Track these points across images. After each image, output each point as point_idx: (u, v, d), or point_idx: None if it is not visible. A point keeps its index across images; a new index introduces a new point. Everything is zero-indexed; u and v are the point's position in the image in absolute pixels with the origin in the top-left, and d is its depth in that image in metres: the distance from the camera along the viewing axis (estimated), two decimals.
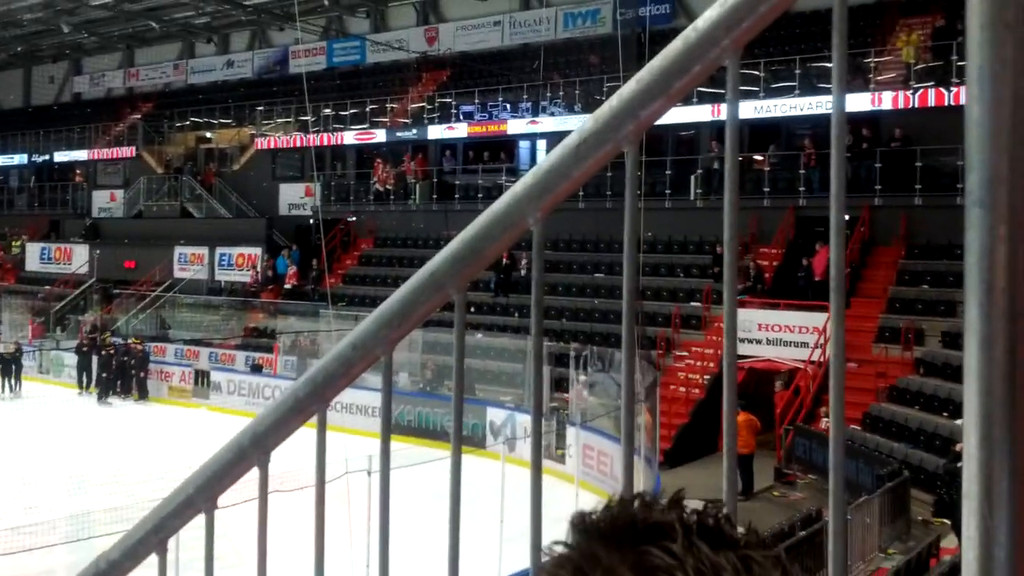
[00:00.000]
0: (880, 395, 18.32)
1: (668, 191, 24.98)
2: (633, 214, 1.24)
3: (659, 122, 1.26)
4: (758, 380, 20.36)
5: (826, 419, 17.32)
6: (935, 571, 10.32)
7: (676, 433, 19.30)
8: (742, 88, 1.19)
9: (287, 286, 30.25)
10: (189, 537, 2.07)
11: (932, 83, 21.89)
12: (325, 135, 32.72)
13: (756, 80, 23.78)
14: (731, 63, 1.16)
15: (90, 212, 39.71)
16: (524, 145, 30.22)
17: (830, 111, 1.13)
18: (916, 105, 21.85)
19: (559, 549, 0.74)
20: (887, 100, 22.17)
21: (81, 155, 40.95)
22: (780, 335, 20.10)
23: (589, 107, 26.24)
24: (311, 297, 28.77)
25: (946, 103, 21.22)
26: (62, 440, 20.02)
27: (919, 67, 22.61)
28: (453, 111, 30.92)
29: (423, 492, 11.26)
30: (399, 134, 31.94)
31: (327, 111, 33.16)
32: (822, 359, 19.45)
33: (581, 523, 0.74)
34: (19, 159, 43.48)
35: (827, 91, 22.78)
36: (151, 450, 19.27)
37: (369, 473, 9.71)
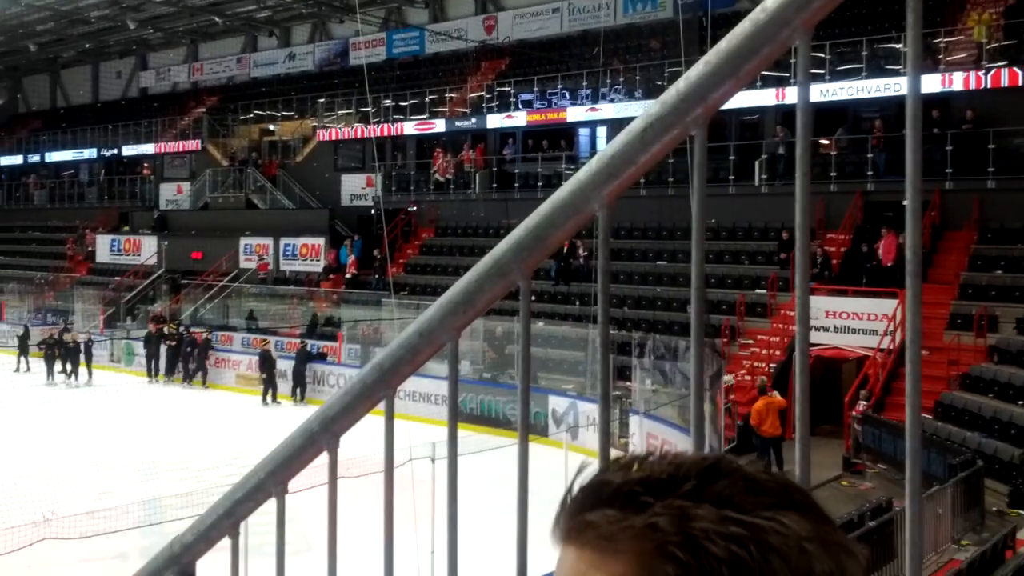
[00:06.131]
0: (952, 383, 17.90)
1: (732, 177, 24.64)
2: (701, 200, 1.23)
3: (722, 107, 1.23)
4: (826, 368, 20.03)
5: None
6: (1011, 563, 10.07)
7: (741, 422, 19.06)
8: None
9: (347, 275, 30.58)
10: (256, 522, 2.10)
11: (1005, 63, 21.25)
12: (385, 126, 32.96)
13: (822, 63, 23.30)
14: (802, 43, 1.13)
15: (158, 204, 40.65)
16: (584, 132, 30.07)
17: (898, 93, 1.11)
18: (988, 86, 21.23)
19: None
20: (958, 81, 21.57)
21: (148, 149, 41.86)
22: (848, 322, 19.73)
23: (650, 93, 26.01)
24: (373, 286, 29.03)
25: (1020, 83, 20.61)
26: (133, 427, 20.52)
27: (991, 46, 21.96)
28: (512, 99, 30.91)
29: (486, 479, 11.34)
30: (458, 123, 32.03)
31: (387, 102, 33.40)
32: (891, 346, 19.08)
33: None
34: (89, 153, 44.65)
35: (895, 73, 22.47)
36: (219, 436, 19.66)
37: (433, 460, 9.80)
